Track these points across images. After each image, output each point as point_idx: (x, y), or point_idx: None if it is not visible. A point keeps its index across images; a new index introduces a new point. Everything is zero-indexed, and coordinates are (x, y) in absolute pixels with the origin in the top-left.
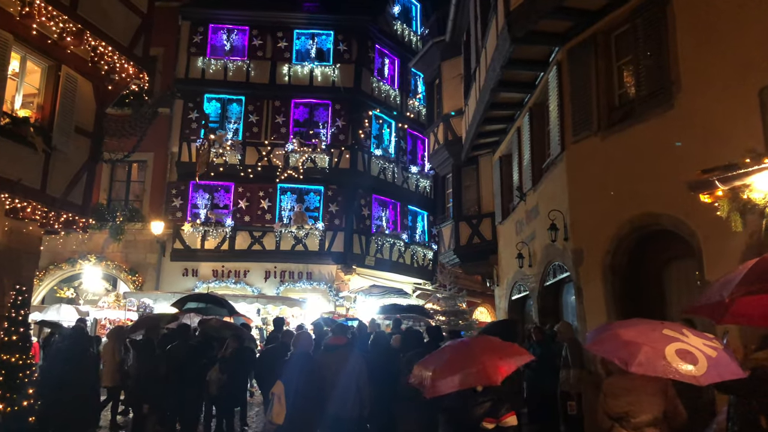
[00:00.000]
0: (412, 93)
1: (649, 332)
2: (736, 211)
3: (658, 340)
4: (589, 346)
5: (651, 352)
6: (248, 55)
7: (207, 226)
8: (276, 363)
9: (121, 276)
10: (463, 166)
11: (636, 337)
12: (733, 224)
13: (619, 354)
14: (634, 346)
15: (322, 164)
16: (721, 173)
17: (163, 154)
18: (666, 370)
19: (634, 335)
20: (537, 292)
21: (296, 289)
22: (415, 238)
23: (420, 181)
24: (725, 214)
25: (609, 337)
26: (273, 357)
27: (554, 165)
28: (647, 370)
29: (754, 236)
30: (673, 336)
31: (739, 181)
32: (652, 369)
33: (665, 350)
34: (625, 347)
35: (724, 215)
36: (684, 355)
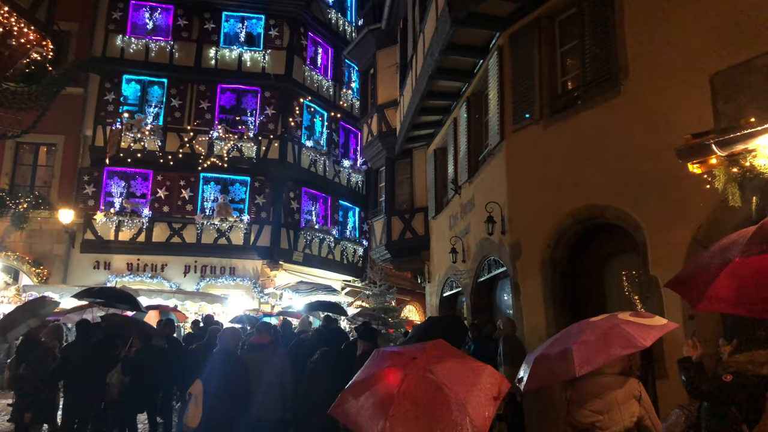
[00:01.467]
0: (345, 85)
1: (574, 333)
2: (734, 182)
3: (586, 332)
4: (526, 388)
5: (584, 348)
6: (172, 36)
7: (122, 216)
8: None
9: (24, 268)
10: (396, 159)
11: (562, 345)
12: (730, 198)
13: (556, 370)
14: (563, 354)
15: (249, 154)
16: (717, 136)
17: (76, 137)
18: (610, 353)
19: (558, 346)
20: (470, 288)
21: (218, 285)
22: (345, 233)
23: (352, 175)
24: (721, 186)
25: (537, 364)
26: (197, 357)
27: (492, 155)
28: (593, 363)
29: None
30: (601, 322)
31: (742, 145)
32: (597, 359)
33: (597, 340)
34: (558, 361)
35: (721, 187)
36: (618, 331)
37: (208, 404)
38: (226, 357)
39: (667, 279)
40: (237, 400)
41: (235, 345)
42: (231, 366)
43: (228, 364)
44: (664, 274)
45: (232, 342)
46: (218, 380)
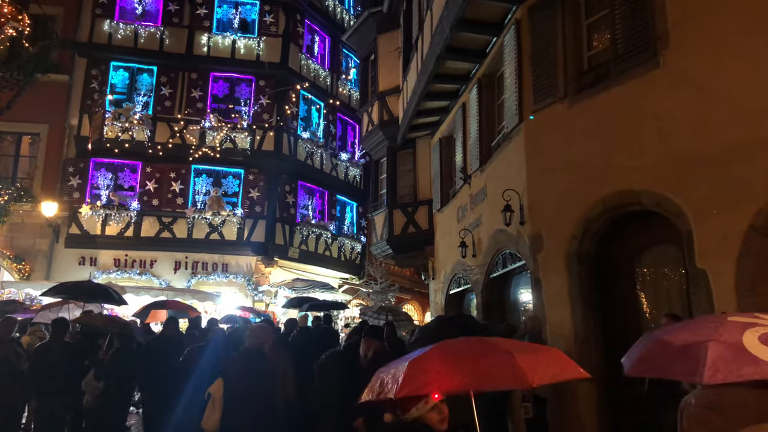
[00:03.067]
0: (343, 75)
1: (708, 326)
2: None
3: (725, 331)
4: (630, 371)
5: (723, 348)
6: (162, 21)
7: (109, 210)
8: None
9: (5, 264)
10: (399, 149)
11: (693, 337)
12: None
13: (678, 367)
14: (695, 347)
15: (243, 145)
16: None
17: (60, 127)
18: (758, 370)
19: (688, 336)
20: (481, 284)
21: (210, 282)
22: (343, 229)
23: (350, 169)
24: None
25: (654, 349)
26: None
27: (508, 140)
28: (728, 375)
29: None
30: (745, 321)
31: None
32: (735, 372)
33: (743, 340)
34: (683, 354)
35: None
36: None
37: (228, 406)
38: (251, 356)
39: (718, 272)
40: (260, 403)
41: (263, 343)
42: (256, 366)
43: (252, 364)
44: (714, 267)
45: (260, 339)
46: (241, 381)
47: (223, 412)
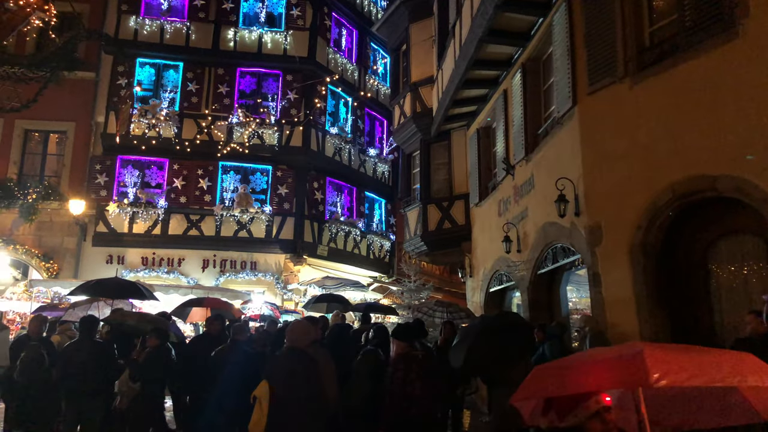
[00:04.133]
0: (371, 69)
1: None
2: None
3: None
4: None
5: None
6: (188, 17)
7: (136, 207)
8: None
9: (33, 262)
10: (432, 141)
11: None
12: None
13: None
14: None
15: (271, 141)
16: None
17: (87, 124)
18: None
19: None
20: (528, 281)
21: (238, 280)
22: (372, 227)
23: (378, 165)
24: None
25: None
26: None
27: (559, 125)
28: None
29: None
30: None
31: None
32: None
33: None
34: None
35: None
36: None
37: (275, 409)
38: (295, 356)
39: None
40: (307, 405)
41: (307, 341)
42: (301, 365)
43: (297, 364)
44: None
45: (303, 338)
46: (287, 382)
47: (271, 414)
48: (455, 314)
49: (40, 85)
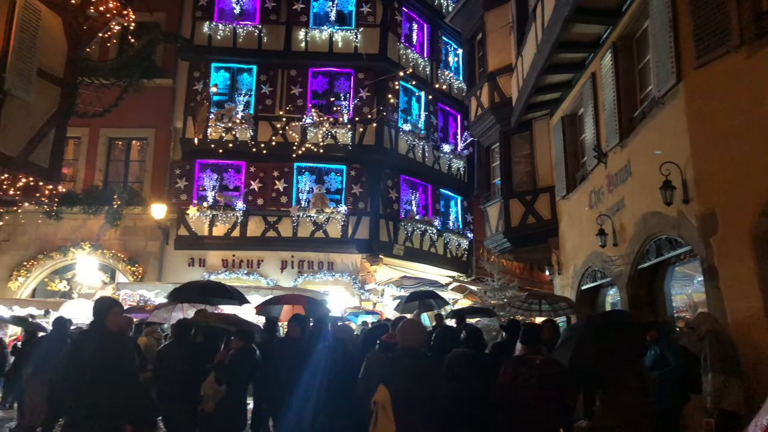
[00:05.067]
0: (443, 63)
1: None
2: None
3: None
4: None
5: None
6: (260, 19)
7: (215, 210)
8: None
9: (119, 266)
10: (513, 132)
11: None
12: None
13: None
14: None
15: (344, 140)
16: None
17: (166, 130)
18: None
19: None
20: (627, 277)
21: (316, 280)
22: (448, 225)
23: (453, 161)
24: None
25: None
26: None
27: (660, 105)
28: None
29: None
30: None
31: None
32: None
33: None
34: None
35: None
36: None
37: (396, 414)
38: (412, 356)
39: None
40: (429, 408)
41: (421, 342)
42: (417, 367)
43: (413, 366)
44: None
45: (418, 337)
46: (405, 385)
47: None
48: (555, 305)
49: (121, 92)
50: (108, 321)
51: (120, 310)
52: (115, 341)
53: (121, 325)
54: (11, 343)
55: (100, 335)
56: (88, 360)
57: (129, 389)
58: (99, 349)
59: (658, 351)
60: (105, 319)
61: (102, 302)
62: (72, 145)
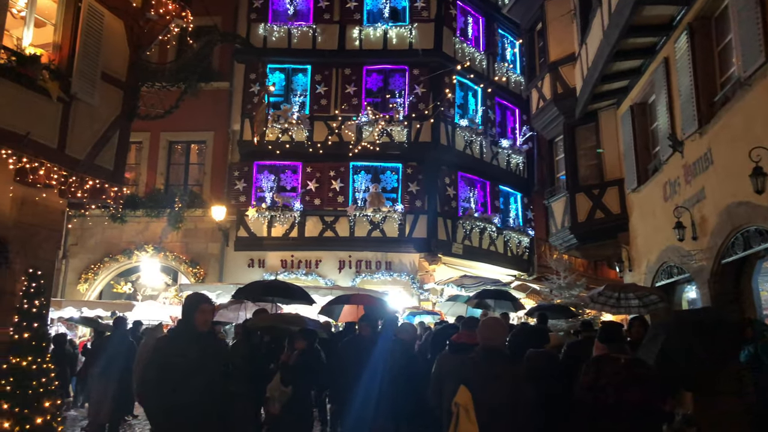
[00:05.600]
0: (500, 57)
1: None
2: None
3: None
4: None
5: None
6: (314, 19)
7: (273, 211)
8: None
9: (181, 268)
10: (577, 124)
11: None
12: None
13: None
14: None
15: (400, 138)
16: None
17: (224, 133)
18: None
19: None
20: (709, 273)
21: (374, 280)
22: (508, 222)
23: (512, 157)
24: None
25: None
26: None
27: (746, 86)
28: None
29: None
30: None
31: None
32: None
33: None
34: None
35: None
36: None
37: (478, 418)
38: (493, 357)
39: None
40: (515, 413)
41: (503, 340)
42: (501, 368)
43: (496, 367)
44: None
45: (500, 336)
46: (488, 387)
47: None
48: (644, 299)
49: (180, 93)
50: (196, 319)
51: (208, 306)
52: (203, 340)
53: (209, 322)
54: (82, 344)
55: (187, 335)
56: (174, 361)
57: (218, 391)
58: (186, 349)
59: (751, 350)
60: (193, 317)
61: (189, 299)
62: (134, 150)
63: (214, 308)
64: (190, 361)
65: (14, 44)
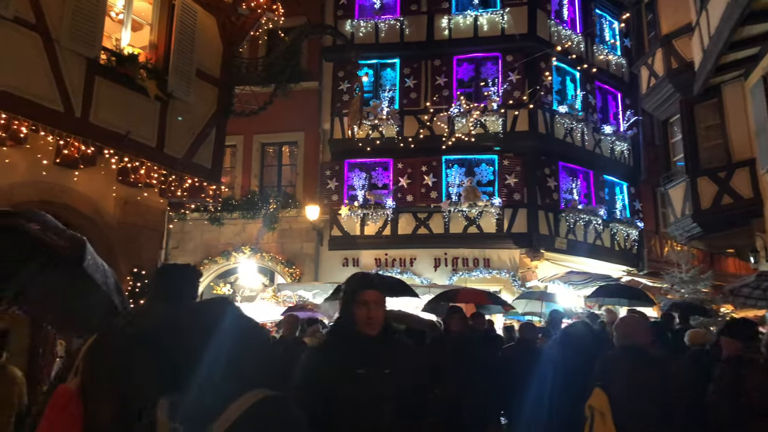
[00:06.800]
0: (598, 38)
1: None
2: None
3: None
4: None
5: None
6: (401, 11)
7: (366, 209)
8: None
9: (278, 269)
10: (696, 101)
11: None
12: None
13: None
14: None
15: (495, 128)
16: None
17: (314, 133)
18: None
19: None
20: None
21: (472, 278)
22: (614, 214)
23: (616, 144)
24: None
25: None
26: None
27: None
28: None
29: None
30: None
31: None
32: None
33: None
34: None
35: None
36: None
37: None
38: (639, 356)
39: None
40: (656, 421)
41: (648, 338)
42: (642, 369)
43: (637, 368)
44: None
45: (643, 333)
46: (627, 390)
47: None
48: None
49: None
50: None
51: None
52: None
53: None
54: None
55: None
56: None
57: None
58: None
59: None
60: None
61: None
62: (228, 154)
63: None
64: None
65: (113, 45)
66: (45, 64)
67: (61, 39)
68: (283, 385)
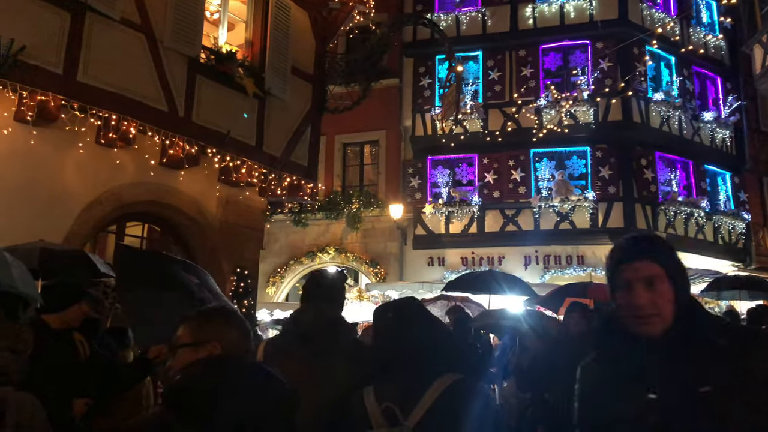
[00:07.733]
0: (694, 20)
1: None
2: None
3: None
4: None
5: None
6: (483, 2)
7: (451, 207)
8: None
9: (362, 269)
10: None
11: None
12: None
13: None
14: None
15: (586, 119)
16: None
17: (396, 131)
18: None
19: None
20: None
21: (565, 276)
22: (717, 206)
23: (717, 131)
24: None
25: None
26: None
27: None
28: None
29: None
30: None
31: None
32: None
33: None
34: None
35: None
36: None
37: None
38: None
39: None
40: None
41: None
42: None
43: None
44: None
45: None
46: None
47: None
48: None
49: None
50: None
51: None
52: None
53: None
54: None
55: None
56: None
57: None
58: None
59: None
60: None
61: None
62: None
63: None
64: None
65: (211, 43)
66: (150, 65)
67: (164, 39)
68: (470, 368)
